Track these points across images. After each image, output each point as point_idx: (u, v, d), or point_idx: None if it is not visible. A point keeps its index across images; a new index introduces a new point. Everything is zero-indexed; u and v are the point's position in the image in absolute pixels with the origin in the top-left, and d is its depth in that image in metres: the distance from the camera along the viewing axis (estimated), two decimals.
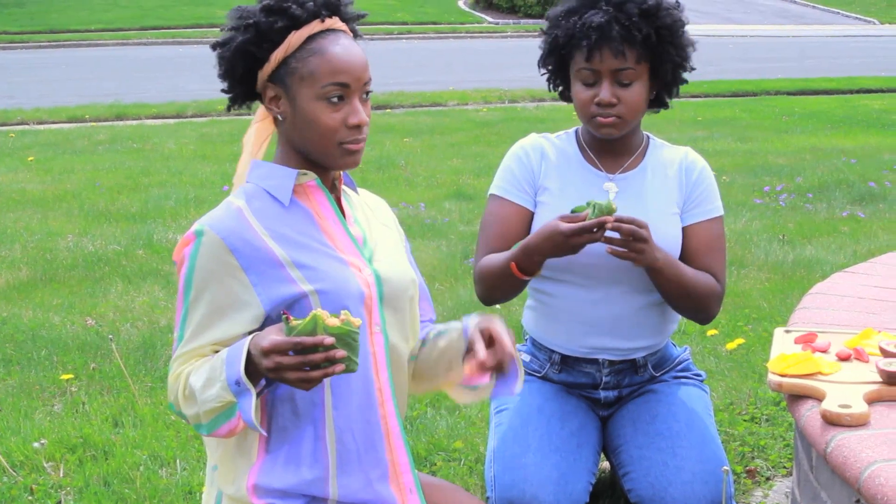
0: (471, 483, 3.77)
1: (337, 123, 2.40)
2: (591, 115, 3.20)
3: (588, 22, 3.14)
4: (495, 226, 3.32)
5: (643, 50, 3.16)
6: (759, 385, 4.58)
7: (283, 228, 2.42)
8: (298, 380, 2.21)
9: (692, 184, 3.35)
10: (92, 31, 30.48)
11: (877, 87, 18.69)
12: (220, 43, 2.49)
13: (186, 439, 4.18)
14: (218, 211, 2.43)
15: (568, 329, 3.35)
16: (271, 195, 2.46)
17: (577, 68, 3.21)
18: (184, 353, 2.40)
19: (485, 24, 33.37)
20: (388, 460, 2.51)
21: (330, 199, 2.50)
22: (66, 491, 3.81)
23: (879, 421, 2.47)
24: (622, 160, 3.33)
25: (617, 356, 3.38)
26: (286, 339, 2.18)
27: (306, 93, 2.40)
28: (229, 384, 2.27)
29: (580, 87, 3.21)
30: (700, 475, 3.21)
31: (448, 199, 9.35)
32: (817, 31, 32.71)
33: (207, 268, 2.37)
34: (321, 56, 2.39)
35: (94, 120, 15.00)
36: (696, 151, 3.40)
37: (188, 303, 2.39)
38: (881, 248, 6.73)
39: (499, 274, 3.17)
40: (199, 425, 2.38)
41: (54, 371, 4.98)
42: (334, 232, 2.49)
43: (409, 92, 17.03)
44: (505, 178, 3.36)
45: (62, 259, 7.25)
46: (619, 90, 3.17)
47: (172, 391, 2.40)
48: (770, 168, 10.49)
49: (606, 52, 3.15)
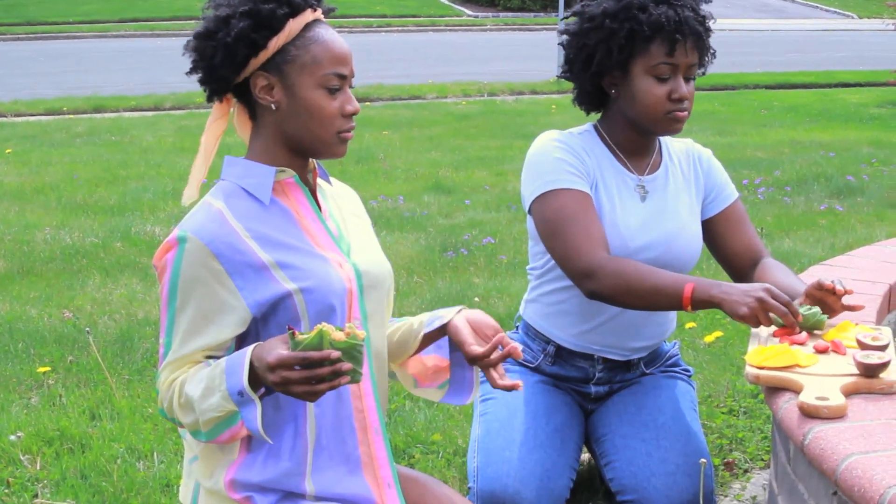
0: (448, 476, 3.77)
1: (335, 112, 2.40)
2: (667, 110, 3.14)
3: (671, 16, 3.10)
4: (582, 215, 3.14)
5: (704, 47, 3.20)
6: (737, 378, 4.59)
7: (264, 229, 2.40)
8: (304, 393, 2.19)
9: (706, 174, 3.39)
10: (70, 23, 30.38)
11: (855, 82, 18.78)
12: (210, 31, 2.41)
13: (164, 432, 4.16)
14: (198, 214, 2.39)
15: (575, 324, 3.35)
16: (250, 194, 2.43)
17: (652, 63, 3.12)
18: (173, 361, 2.37)
19: (464, 17, 33.35)
20: (364, 454, 2.50)
21: (308, 196, 2.49)
22: (43, 484, 3.79)
23: (857, 413, 2.47)
24: (646, 160, 3.32)
25: (620, 356, 3.39)
26: (292, 354, 2.15)
27: (307, 81, 2.38)
28: (231, 394, 2.24)
29: (652, 82, 3.14)
30: (683, 467, 3.22)
31: (427, 191, 9.35)
32: (797, 25, 32.81)
33: (192, 274, 2.34)
34: (320, 44, 2.38)
35: (71, 112, 14.95)
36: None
37: (174, 310, 2.37)
38: (859, 242, 6.74)
39: (661, 292, 2.97)
40: (197, 432, 2.35)
41: (31, 364, 4.96)
42: (313, 229, 2.47)
43: (388, 85, 17.02)
44: (562, 168, 3.19)
45: (39, 252, 7.21)
46: (687, 85, 3.17)
47: (165, 398, 2.37)
48: (749, 161, 10.52)
49: (690, 46, 3.13)
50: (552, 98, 16.52)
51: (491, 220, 8.20)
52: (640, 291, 3.00)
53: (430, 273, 6.67)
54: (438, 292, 6.15)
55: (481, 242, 7.38)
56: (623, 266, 3.03)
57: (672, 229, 3.26)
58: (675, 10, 3.11)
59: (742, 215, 3.40)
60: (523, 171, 3.29)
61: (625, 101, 3.20)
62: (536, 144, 3.27)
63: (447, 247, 7.27)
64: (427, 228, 7.91)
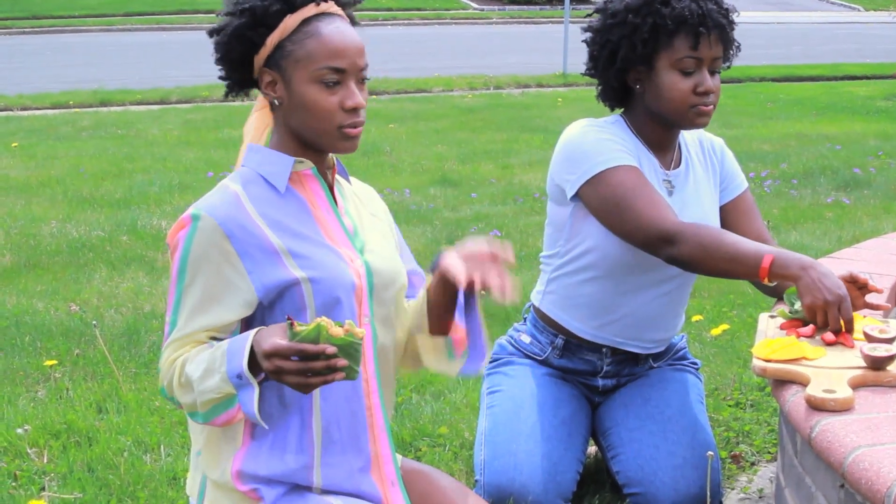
0: (455, 469, 3.77)
1: (333, 106, 2.38)
2: (692, 104, 3.14)
3: (694, 9, 3.10)
4: (644, 185, 3.11)
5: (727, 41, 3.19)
6: (744, 370, 4.58)
7: (278, 216, 2.41)
8: (297, 384, 2.19)
9: (720, 162, 3.41)
10: (76, 16, 30.38)
11: (861, 74, 18.74)
12: (216, 29, 2.47)
13: (171, 425, 4.17)
14: (214, 195, 2.41)
15: (597, 315, 3.34)
16: (267, 181, 2.44)
17: (676, 57, 3.12)
18: (177, 339, 2.38)
19: (470, 10, 33.32)
20: (372, 451, 2.50)
21: (325, 189, 2.49)
22: (50, 477, 3.79)
23: (864, 406, 2.47)
24: (670, 155, 3.32)
25: (639, 348, 3.39)
26: (289, 344, 2.16)
27: (301, 75, 2.38)
28: (230, 377, 2.25)
29: (677, 76, 3.13)
30: (691, 460, 3.23)
31: (433, 185, 9.34)
32: (802, 17, 32.75)
33: (203, 253, 2.35)
34: (316, 38, 2.38)
35: (77, 106, 14.96)
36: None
37: (182, 287, 2.38)
38: (865, 234, 6.73)
39: (738, 259, 2.93)
40: (194, 413, 2.36)
41: (38, 357, 4.96)
42: (328, 222, 2.48)
43: (394, 78, 17.01)
44: (610, 148, 3.16)
45: (46, 245, 7.22)
46: (712, 79, 3.16)
47: (166, 376, 2.39)
48: (755, 154, 10.50)
49: (714, 39, 3.13)
50: (558, 91, 16.52)
51: (497, 214, 8.20)
52: (718, 257, 2.96)
53: None
54: None
55: (487, 235, 7.38)
56: (701, 231, 3.00)
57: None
58: (698, 4, 3.11)
59: (751, 205, 3.40)
60: (559, 160, 3.25)
61: (650, 97, 3.19)
62: (571, 132, 3.25)
63: (453, 240, 7.26)
64: (433, 221, 7.91)
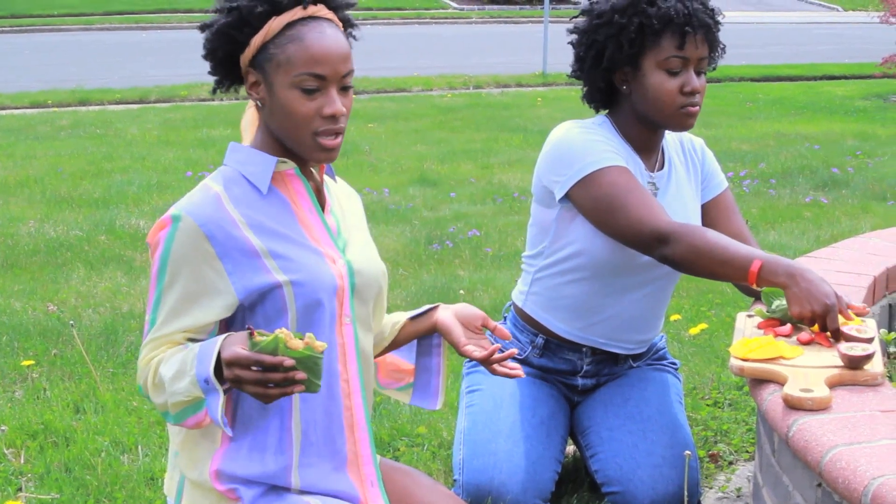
0: (434, 468, 3.77)
1: (311, 112, 2.36)
2: (680, 104, 3.14)
3: (680, 9, 3.10)
4: (635, 186, 3.11)
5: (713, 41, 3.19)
6: (722, 370, 4.59)
7: (259, 217, 2.40)
8: (256, 394, 2.21)
9: (701, 162, 3.42)
10: (55, 15, 30.23)
11: (840, 74, 18.80)
12: (205, 25, 2.47)
13: (148, 425, 4.15)
14: (195, 195, 2.40)
15: (582, 317, 3.35)
16: (249, 181, 2.43)
17: (662, 56, 3.13)
18: (155, 339, 2.38)
19: (450, 9, 33.30)
20: (350, 451, 2.50)
21: (307, 189, 2.49)
22: (27, 478, 3.78)
23: (841, 405, 2.48)
24: (654, 157, 3.32)
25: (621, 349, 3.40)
26: (247, 354, 2.17)
27: (282, 80, 2.37)
28: (198, 381, 2.25)
29: (663, 76, 3.14)
30: (669, 459, 3.23)
31: (412, 184, 9.35)
32: (781, 17, 32.83)
33: (182, 253, 2.35)
34: (298, 43, 2.36)
35: (56, 105, 14.89)
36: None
37: (161, 287, 2.38)
38: (843, 234, 6.75)
39: (729, 263, 2.93)
40: (166, 414, 2.37)
41: (15, 357, 4.94)
42: (310, 222, 2.47)
43: (374, 77, 16.99)
44: (599, 149, 3.16)
45: (24, 245, 7.19)
46: (698, 79, 3.17)
47: (142, 375, 2.39)
48: (734, 154, 10.53)
49: (700, 39, 3.14)
50: (538, 91, 16.52)
51: (476, 213, 8.20)
52: (709, 260, 2.96)
53: (415, 266, 6.67)
54: (423, 285, 6.15)
55: (466, 235, 7.38)
56: (695, 233, 3.00)
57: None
58: (684, 4, 3.12)
59: (731, 204, 3.42)
60: (548, 161, 3.25)
61: (636, 97, 3.20)
62: (559, 133, 3.25)
63: (432, 239, 7.27)
64: (412, 221, 7.91)
